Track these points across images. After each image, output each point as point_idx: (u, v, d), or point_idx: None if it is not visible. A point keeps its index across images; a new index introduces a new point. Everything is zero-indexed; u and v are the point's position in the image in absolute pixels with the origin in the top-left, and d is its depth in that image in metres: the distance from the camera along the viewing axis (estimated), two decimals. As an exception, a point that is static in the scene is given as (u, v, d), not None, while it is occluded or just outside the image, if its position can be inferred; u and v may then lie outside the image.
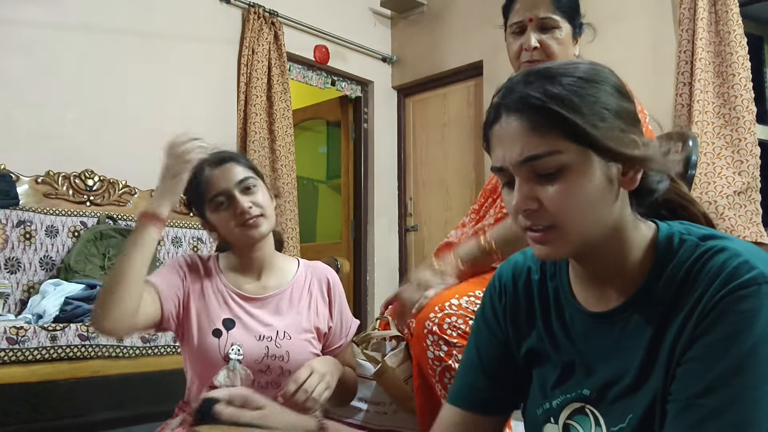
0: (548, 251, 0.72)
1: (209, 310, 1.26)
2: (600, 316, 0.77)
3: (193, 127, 3.72)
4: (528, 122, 0.69)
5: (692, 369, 0.65)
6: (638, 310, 0.74)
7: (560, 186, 0.69)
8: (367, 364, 1.46)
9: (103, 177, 2.95)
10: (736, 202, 2.92)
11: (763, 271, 0.64)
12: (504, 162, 0.72)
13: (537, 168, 0.69)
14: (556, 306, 0.84)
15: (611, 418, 0.74)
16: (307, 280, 1.37)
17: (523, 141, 0.69)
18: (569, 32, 1.43)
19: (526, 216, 0.72)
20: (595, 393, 0.77)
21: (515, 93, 0.71)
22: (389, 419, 1.44)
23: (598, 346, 0.77)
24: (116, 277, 1.13)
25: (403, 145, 4.70)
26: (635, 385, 0.72)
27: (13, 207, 2.57)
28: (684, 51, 3.14)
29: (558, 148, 0.68)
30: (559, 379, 0.82)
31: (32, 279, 2.53)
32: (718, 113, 3.05)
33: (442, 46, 4.39)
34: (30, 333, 1.91)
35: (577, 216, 0.70)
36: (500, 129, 0.72)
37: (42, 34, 2.90)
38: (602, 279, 0.77)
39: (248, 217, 1.25)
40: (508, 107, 0.71)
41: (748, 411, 0.61)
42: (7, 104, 2.76)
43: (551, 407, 0.81)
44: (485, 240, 1.33)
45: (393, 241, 4.59)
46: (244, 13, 3.72)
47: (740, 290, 0.64)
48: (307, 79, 4.21)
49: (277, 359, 1.25)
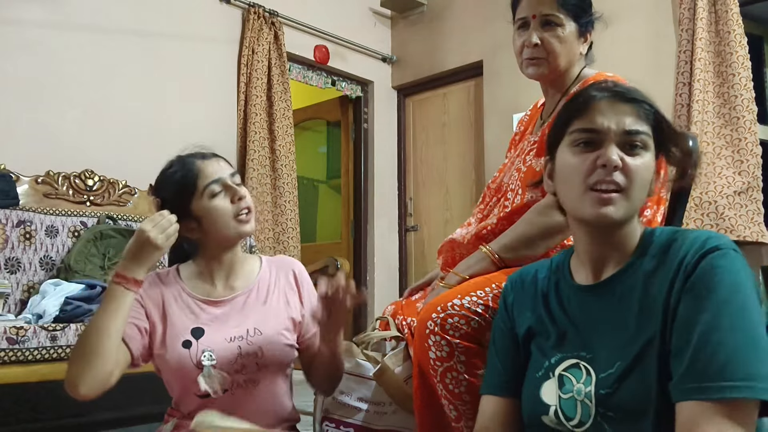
0: (609, 210, 0.87)
1: (176, 325, 1.25)
2: (593, 287, 0.94)
3: (193, 127, 3.74)
4: (636, 109, 0.91)
5: (686, 318, 0.80)
6: (627, 279, 0.90)
7: (641, 160, 0.89)
8: (367, 364, 1.45)
9: (103, 177, 2.95)
10: (737, 201, 2.92)
11: (727, 242, 0.84)
12: (608, 126, 0.89)
13: (635, 139, 0.89)
14: (556, 291, 1.00)
15: (600, 366, 0.88)
16: (272, 274, 1.36)
17: (632, 119, 0.90)
18: (574, 30, 1.42)
19: (606, 172, 0.87)
20: (590, 352, 0.90)
21: (620, 89, 0.92)
22: (389, 419, 1.44)
23: (591, 312, 0.93)
24: (91, 344, 1.11)
25: (403, 145, 4.70)
26: (628, 340, 0.86)
27: (13, 207, 2.57)
28: (684, 51, 3.14)
29: (650, 132, 0.91)
30: (556, 344, 0.96)
31: (32, 279, 2.53)
32: (718, 113, 3.05)
33: (442, 45, 4.39)
34: (30, 333, 1.91)
35: (640, 187, 0.89)
36: (606, 104, 0.90)
37: (42, 34, 2.90)
38: (603, 258, 0.93)
39: (245, 206, 1.27)
40: (618, 95, 0.91)
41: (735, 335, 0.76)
42: (7, 104, 2.77)
43: (550, 364, 0.95)
44: (487, 249, 1.35)
45: (393, 241, 4.59)
46: (244, 13, 3.72)
47: (714, 252, 0.82)
48: (307, 79, 4.21)
49: (251, 356, 1.25)
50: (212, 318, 1.27)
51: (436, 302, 1.24)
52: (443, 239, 1.59)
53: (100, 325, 1.12)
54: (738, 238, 2.89)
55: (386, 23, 4.69)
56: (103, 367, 1.11)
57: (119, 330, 1.15)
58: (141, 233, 1.14)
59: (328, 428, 1.46)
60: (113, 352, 1.14)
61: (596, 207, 0.87)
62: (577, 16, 1.41)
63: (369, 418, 1.43)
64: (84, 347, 1.12)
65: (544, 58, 1.42)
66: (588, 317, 0.93)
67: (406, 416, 1.41)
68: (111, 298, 1.14)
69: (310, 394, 1.52)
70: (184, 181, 1.28)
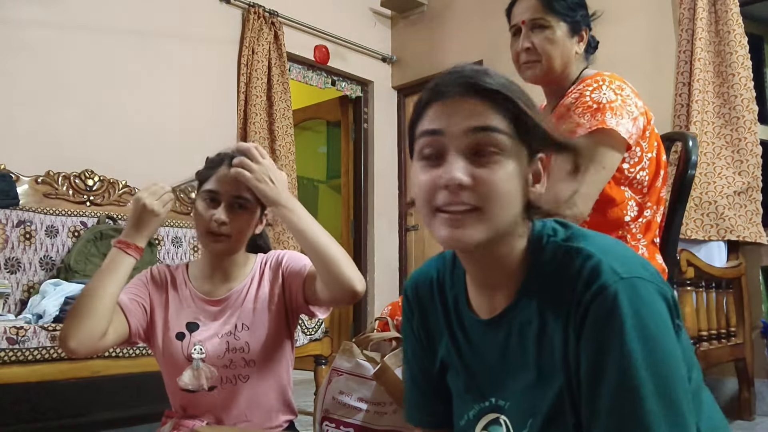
0: (462, 235, 0.71)
1: (174, 317, 1.29)
2: (489, 322, 0.79)
3: (193, 127, 3.74)
4: (480, 99, 0.72)
5: (588, 381, 0.66)
6: (518, 315, 0.76)
7: (495, 168, 0.71)
8: (367, 364, 1.46)
9: (103, 177, 2.95)
10: (737, 202, 2.92)
11: (614, 268, 0.67)
12: (447, 127, 0.72)
13: (481, 141, 0.71)
14: (457, 316, 0.85)
15: (517, 423, 0.75)
16: (261, 268, 1.36)
17: (476, 113, 0.71)
18: (565, 31, 1.46)
19: (451, 192, 0.70)
20: (504, 400, 0.78)
21: (461, 80, 0.73)
22: (389, 419, 1.44)
23: (493, 351, 0.79)
24: (88, 298, 1.15)
25: (403, 145, 4.70)
26: (532, 390, 0.74)
27: (13, 207, 2.57)
28: (684, 51, 3.14)
29: (504, 129, 0.72)
30: (467, 387, 0.83)
31: (32, 279, 2.53)
32: (718, 113, 3.05)
33: (442, 46, 4.39)
34: (30, 333, 1.91)
35: (500, 203, 0.71)
36: (447, 104, 0.73)
37: (42, 34, 2.90)
38: (491, 285, 0.79)
39: (214, 230, 1.24)
40: (458, 87, 0.73)
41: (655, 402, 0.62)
42: (7, 104, 2.76)
43: (469, 418, 0.82)
44: None
45: (393, 241, 4.59)
46: (244, 13, 3.72)
47: (600, 294, 0.66)
48: (307, 79, 4.21)
49: (239, 351, 1.26)
50: (207, 315, 1.30)
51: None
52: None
53: (96, 285, 1.17)
54: (737, 239, 2.90)
55: (386, 23, 4.69)
56: (94, 326, 1.14)
57: (113, 293, 1.18)
58: (137, 201, 1.20)
59: (328, 428, 1.46)
60: (106, 313, 1.16)
61: (447, 230, 0.71)
62: (565, 16, 1.45)
63: (369, 418, 1.43)
64: (78, 305, 1.16)
65: (537, 61, 1.46)
66: (492, 355, 0.80)
67: (406, 416, 1.41)
68: (110, 260, 1.19)
69: (310, 394, 1.52)
70: (203, 172, 1.30)
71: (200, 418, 1.27)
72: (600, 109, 1.34)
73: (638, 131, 1.38)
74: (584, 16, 1.49)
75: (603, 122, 1.32)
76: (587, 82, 1.41)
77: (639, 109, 1.39)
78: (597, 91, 1.36)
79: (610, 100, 1.35)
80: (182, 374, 1.25)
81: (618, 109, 1.34)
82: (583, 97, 1.37)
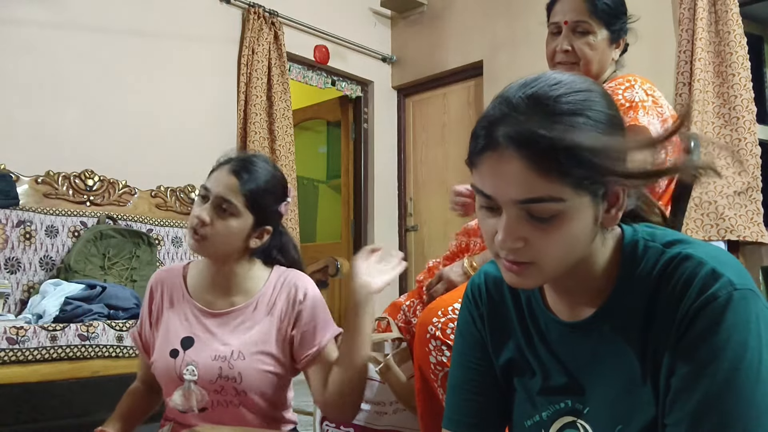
0: (520, 282, 0.71)
1: (170, 331, 1.25)
2: (573, 326, 0.77)
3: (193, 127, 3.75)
4: (531, 162, 0.64)
5: (684, 387, 0.65)
6: (611, 320, 0.73)
7: (551, 230, 0.67)
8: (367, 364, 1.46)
9: (103, 177, 2.95)
10: (737, 202, 2.92)
11: (730, 278, 0.65)
12: (496, 194, 0.68)
13: (533, 211, 0.66)
14: (531, 315, 0.83)
15: (602, 428, 0.73)
16: (275, 291, 1.27)
17: (524, 181, 0.65)
18: (606, 37, 1.45)
19: (503, 248, 0.69)
20: (582, 404, 0.76)
21: (517, 123, 0.66)
22: (389, 419, 1.44)
23: (576, 355, 0.77)
24: None
25: (403, 145, 4.70)
26: (623, 396, 0.72)
27: (13, 207, 2.57)
28: (684, 51, 3.14)
29: (560, 195, 0.65)
30: (543, 388, 0.81)
31: (32, 279, 2.53)
32: (718, 113, 3.05)
33: (442, 46, 4.39)
34: (30, 333, 1.91)
35: (558, 256, 0.69)
36: (497, 159, 0.66)
37: (42, 34, 2.90)
38: (572, 291, 0.77)
39: (194, 227, 1.21)
40: (510, 138, 0.65)
41: (749, 419, 0.61)
42: (7, 104, 2.76)
43: (541, 419, 0.80)
44: (469, 263, 1.38)
45: (393, 241, 4.59)
46: (244, 13, 3.72)
47: (713, 302, 0.64)
48: (307, 79, 4.21)
49: (230, 380, 1.20)
50: (204, 330, 1.24)
51: (437, 306, 1.24)
52: (443, 239, 1.59)
53: None
54: (738, 238, 2.90)
55: (386, 23, 4.69)
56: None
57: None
58: None
59: (328, 428, 1.46)
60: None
61: (507, 274, 0.71)
62: (609, 24, 1.44)
63: (369, 418, 1.43)
64: None
65: (575, 63, 1.44)
66: (574, 359, 0.78)
67: (407, 416, 1.41)
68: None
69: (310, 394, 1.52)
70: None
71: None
72: (633, 107, 1.33)
73: None
74: (624, 23, 1.48)
75: (636, 119, 1.31)
76: (619, 81, 1.40)
77: (669, 111, 1.39)
78: (629, 90, 1.36)
79: (642, 99, 1.34)
80: (173, 394, 1.21)
81: (650, 109, 1.34)
82: (615, 95, 1.36)
